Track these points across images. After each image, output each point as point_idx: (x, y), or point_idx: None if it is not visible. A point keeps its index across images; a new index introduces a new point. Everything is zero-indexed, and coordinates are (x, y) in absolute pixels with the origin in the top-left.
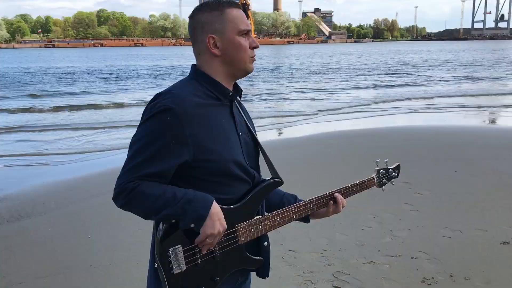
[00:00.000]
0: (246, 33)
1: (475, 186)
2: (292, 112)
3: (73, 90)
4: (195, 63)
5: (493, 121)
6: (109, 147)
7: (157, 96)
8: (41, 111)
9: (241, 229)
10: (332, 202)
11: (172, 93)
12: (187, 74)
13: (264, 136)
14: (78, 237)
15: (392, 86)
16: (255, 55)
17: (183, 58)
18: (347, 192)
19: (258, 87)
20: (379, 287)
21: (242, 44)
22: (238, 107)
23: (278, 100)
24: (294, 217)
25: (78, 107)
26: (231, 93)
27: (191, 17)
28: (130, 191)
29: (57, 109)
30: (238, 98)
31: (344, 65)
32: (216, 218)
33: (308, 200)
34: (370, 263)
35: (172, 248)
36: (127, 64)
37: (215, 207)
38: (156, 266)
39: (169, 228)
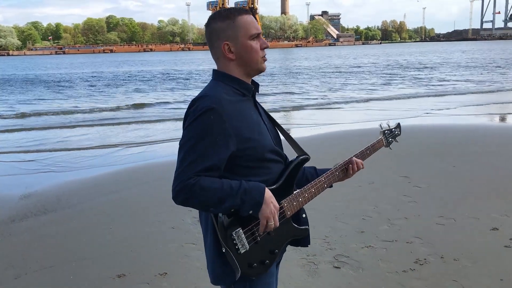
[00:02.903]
0: (257, 36)
1: (471, 180)
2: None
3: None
4: (215, 68)
5: (493, 120)
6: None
7: (195, 101)
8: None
9: (286, 204)
10: (352, 167)
11: (208, 95)
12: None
13: None
14: (100, 228)
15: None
16: (266, 54)
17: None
18: (363, 155)
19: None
20: (376, 267)
21: (254, 47)
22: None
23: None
24: (326, 185)
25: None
26: (253, 88)
27: (206, 25)
28: (191, 187)
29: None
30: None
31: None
32: (270, 202)
33: (334, 169)
34: (368, 247)
35: (235, 232)
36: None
37: (268, 192)
38: (224, 250)
39: (228, 216)
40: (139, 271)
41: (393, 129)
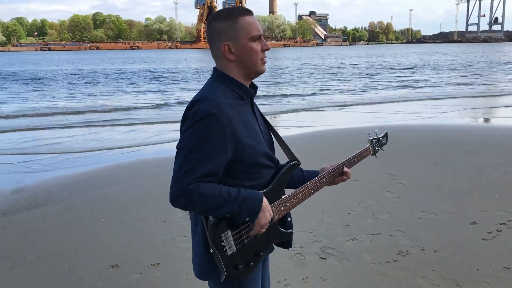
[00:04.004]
0: (258, 37)
1: (453, 177)
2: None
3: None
4: (216, 66)
5: (476, 120)
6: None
7: (194, 103)
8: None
9: (274, 209)
10: (340, 175)
11: (209, 99)
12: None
13: None
14: (93, 222)
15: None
16: (265, 57)
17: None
18: (350, 163)
19: None
20: (360, 258)
21: (254, 49)
22: (254, 102)
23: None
24: (313, 191)
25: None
26: (251, 92)
27: (207, 24)
28: (190, 193)
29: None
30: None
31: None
32: (266, 210)
33: (322, 175)
34: (353, 240)
35: (223, 234)
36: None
37: (265, 201)
38: (212, 251)
39: (218, 219)
40: (132, 262)
41: (380, 138)
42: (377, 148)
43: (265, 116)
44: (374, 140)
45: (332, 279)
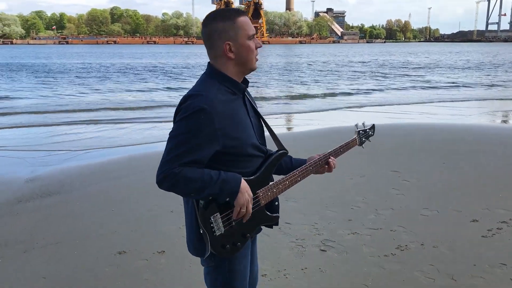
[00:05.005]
0: (253, 36)
1: (459, 175)
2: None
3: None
4: (210, 62)
5: (486, 120)
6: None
7: (187, 97)
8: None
9: (261, 194)
10: (326, 165)
11: (202, 95)
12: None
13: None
14: (103, 210)
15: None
16: (258, 54)
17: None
18: (337, 153)
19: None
20: (359, 251)
21: (251, 47)
22: (247, 94)
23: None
24: (299, 179)
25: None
26: (243, 87)
27: (205, 25)
28: (174, 176)
29: None
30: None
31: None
32: (245, 191)
33: (308, 164)
34: (354, 233)
35: (213, 216)
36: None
37: (243, 183)
38: (201, 231)
39: (208, 202)
40: (138, 249)
41: (368, 130)
42: (364, 139)
43: (263, 115)
44: (361, 131)
45: (330, 270)
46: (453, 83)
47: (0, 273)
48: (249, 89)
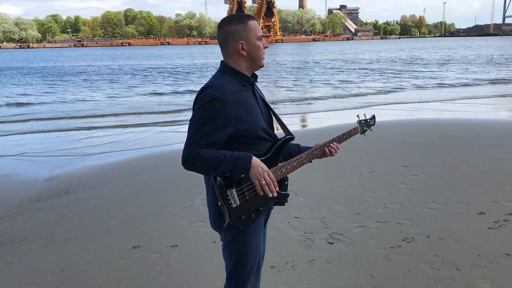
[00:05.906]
0: (261, 37)
1: (468, 170)
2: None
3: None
4: (224, 60)
5: (495, 115)
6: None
7: (204, 89)
8: None
9: (272, 173)
10: (328, 149)
11: (216, 86)
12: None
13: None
14: (118, 207)
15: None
16: (264, 53)
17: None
18: (340, 139)
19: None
20: (366, 243)
21: (260, 46)
22: (256, 88)
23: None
24: (305, 161)
25: None
26: (252, 80)
27: (220, 27)
28: (195, 155)
29: None
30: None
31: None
32: (257, 165)
33: (314, 148)
34: (361, 227)
35: (229, 190)
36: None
37: (254, 158)
38: (220, 204)
39: (224, 179)
40: (152, 243)
41: (368, 120)
42: (365, 128)
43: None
44: (362, 121)
45: (337, 262)
46: (466, 78)
47: (21, 267)
48: (265, 90)
